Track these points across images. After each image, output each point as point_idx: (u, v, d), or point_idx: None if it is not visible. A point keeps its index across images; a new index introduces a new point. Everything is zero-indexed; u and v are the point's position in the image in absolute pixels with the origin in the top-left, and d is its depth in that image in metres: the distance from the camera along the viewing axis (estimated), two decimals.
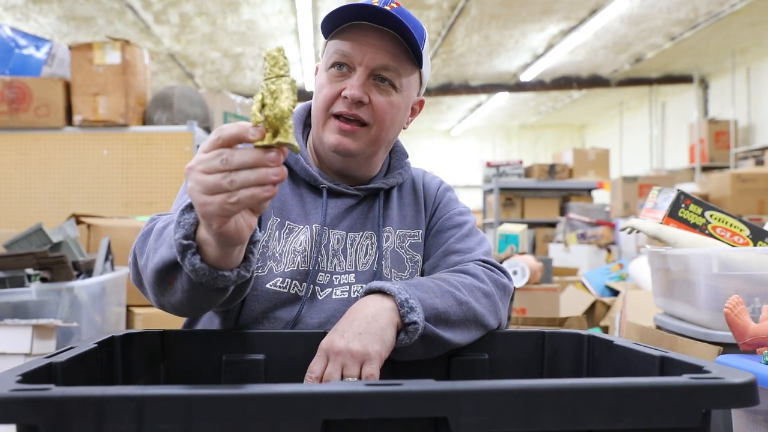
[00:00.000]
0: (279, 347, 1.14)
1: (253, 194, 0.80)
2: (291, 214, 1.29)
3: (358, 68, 1.22)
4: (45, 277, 2.14)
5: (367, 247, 1.31)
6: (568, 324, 2.23)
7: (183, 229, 0.88)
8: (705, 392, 0.73)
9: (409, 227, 1.36)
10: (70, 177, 3.53)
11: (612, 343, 1.07)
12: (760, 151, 8.39)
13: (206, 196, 0.81)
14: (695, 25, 8.26)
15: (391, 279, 1.30)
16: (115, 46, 3.48)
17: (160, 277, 0.97)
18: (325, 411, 0.67)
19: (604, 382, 0.72)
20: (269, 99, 0.81)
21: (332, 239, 1.29)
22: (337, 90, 1.23)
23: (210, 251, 0.88)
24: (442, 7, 7.65)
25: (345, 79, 1.23)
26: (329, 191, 1.31)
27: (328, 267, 1.28)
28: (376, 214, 1.33)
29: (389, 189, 1.38)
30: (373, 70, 1.22)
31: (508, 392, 0.70)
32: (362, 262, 1.30)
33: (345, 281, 1.28)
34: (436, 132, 15.72)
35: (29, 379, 0.74)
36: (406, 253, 1.34)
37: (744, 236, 1.60)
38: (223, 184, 0.80)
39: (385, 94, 1.24)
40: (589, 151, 7.92)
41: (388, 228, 1.34)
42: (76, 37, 8.24)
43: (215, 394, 0.67)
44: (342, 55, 1.22)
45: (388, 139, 1.30)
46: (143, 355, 1.11)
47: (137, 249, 1.07)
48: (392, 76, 1.24)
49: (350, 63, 1.22)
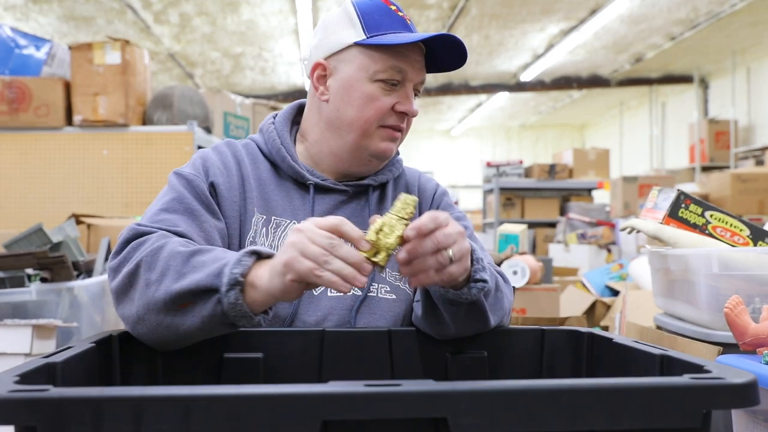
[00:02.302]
0: (277, 346, 1.13)
1: (335, 280, 0.95)
2: (276, 210, 1.29)
3: (407, 84, 1.29)
4: (45, 277, 2.14)
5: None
6: (568, 324, 2.23)
7: (242, 267, 0.98)
8: (706, 392, 0.72)
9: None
10: (70, 177, 3.53)
11: (611, 341, 1.06)
12: (761, 151, 8.38)
13: (301, 256, 0.95)
14: (695, 25, 8.26)
15: (386, 278, 1.31)
16: (115, 46, 3.48)
17: (178, 297, 1.01)
18: (325, 411, 0.67)
19: (605, 382, 0.72)
20: (387, 229, 1.00)
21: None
22: (391, 103, 1.28)
23: (251, 294, 0.99)
24: (442, 6, 7.65)
25: (394, 91, 1.28)
26: (317, 187, 1.32)
27: None
28: (369, 212, 1.34)
29: (380, 186, 1.39)
30: (414, 86, 1.31)
31: (509, 393, 0.70)
32: None
33: None
34: (436, 132, 15.72)
35: (27, 380, 0.74)
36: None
37: (744, 236, 1.59)
38: (320, 258, 0.94)
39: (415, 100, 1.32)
40: (590, 151, 7.92)
41: None
42: (76, 37, 8.24)
43: (214, 394, 0.67)
44: (398, 72, 1.27)
45: None
46: (141, 354, 1.11)
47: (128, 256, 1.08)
48: (421, 87, 1.34)
49: (402, 79, 1.28)
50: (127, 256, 1.08)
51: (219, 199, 1.24)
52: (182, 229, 1.14)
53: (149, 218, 1.16)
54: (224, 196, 1.25)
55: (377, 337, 1.16)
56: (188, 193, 1.20)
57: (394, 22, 1.28)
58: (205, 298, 1.00)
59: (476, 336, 1.19)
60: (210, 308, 1.00)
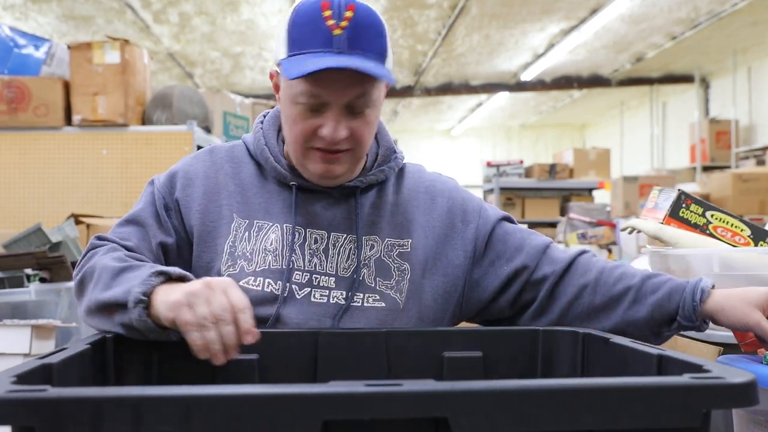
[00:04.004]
0: (273, 347, 1.13)
1: (198, 345, 0.98)
2: (258, 213, 1.27)
3: (332, 106, 1.18)
4: (44, 278, 2.14)
5: (349, 252, 1.28)
6: None
7: (146, 286, 1.03)
8: (706, 392, 0.72)
9: (398, 236, 1.31)
10: (70, 177, 3.53)
11: (608, 341, 1.06)
12: (762, 151, 8.37)
13: (187, 308, 0.99)
14: (696, 25, 8.25)
15: (376, 287, 1.27)
16: (114, 46, 3.48)
17: (104, 306, 1.10)
18: (326, 411, 0.67)
19: (606, 382, 0.72)
20: None
21: (309, 238, 1.27)
22: (313, 127, 1.20)
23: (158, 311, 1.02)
24: (442, 6, 7.64)
25: (319, 114, 1.19)
26: (302, 189, 1.29)
27: (306, 266, 1.25)
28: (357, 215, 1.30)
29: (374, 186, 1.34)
30: (345, 105, 1.19)
31: (509, 393, 0.70)
32: (343, 267, 1.27)
33: (325, 284, 1.25)
34: (436, 132, 15.71)
35: (24, 380, 0.74)
36: (394, 262, 1.29)
37: (745, 236, 1.59)
38: (201, 321, 0.98)
39: (361, 117, 1.21)
40: (590, 151, 7.92)
41: (374, 237, 1.29)
42: (75, 36, 8.24)
43: (214, 394, 0.66)
44: (310, 96, 1.18)
45: (370, 145, 1.29)
46: (136, 355, 1.11)
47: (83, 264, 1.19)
48: (364, 103, 1.20)
49: (322, 101, 1.19)
50: (83, 264, 1.20)
51: (183, 213, 1.28)
52: (132, 243, 1.23)
53: (114, 228, 1.28)
54: (190, 209, 1.28)
55: (373, 338, 1.16)
56: (149, 206, 1.28)
57: (316, 36, 1.16)
58: (121, 311, 1.07)
59: (471, 336, 1.18)
60: (126, 318, 1.06)
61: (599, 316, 1.27)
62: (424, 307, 1.30)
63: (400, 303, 1.27)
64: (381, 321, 1.25)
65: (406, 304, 1.28)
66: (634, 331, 1.24)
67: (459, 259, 1.34)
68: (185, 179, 1.30)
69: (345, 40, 1.16)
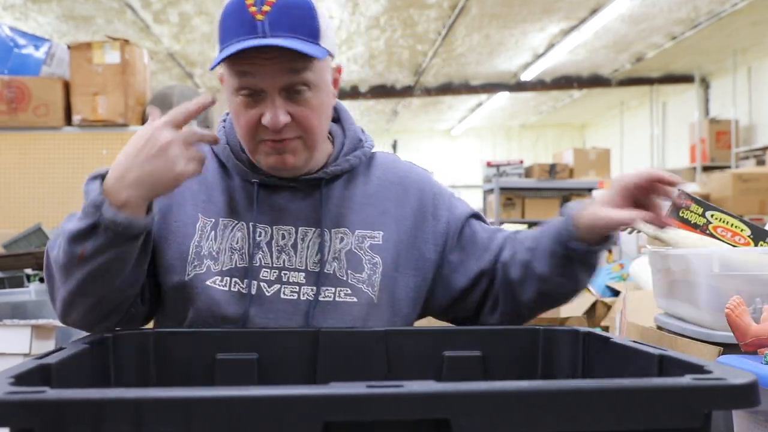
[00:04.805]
0: (272, 346, 1.12)
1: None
2: (223, 211, 1.27)
3: (269, 91, 1.17)
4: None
5: (319, 246, 1.26)
6: (568, 324, 2.22)
7: (94, 192, 1.06)
8: (707, 393, 0.72)
9: (369, 228, 1.29)
10: (70, 177, 3.53)
11: (609, 341, 1.06)
12: (762, 151, 8.37)
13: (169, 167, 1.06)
14: (696, 25, 8.25)
15: (347, 281, 1.25)
16: (114, 46, 3.48)
17: (70, 251, 1.08)
18: (327, 413, 0.67)
19: (607, 383, 0.72)
20: None
21: (276, 234, 1.26)
22: (256, 117, 1.18)
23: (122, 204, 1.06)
24: (442, 6, 7.64)
25: (258, 103, 1.18)
26: (265, 184, 1.28)
27: (275, 263, 1.25)
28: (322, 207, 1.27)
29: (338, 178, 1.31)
30: (281, 89, 1.17)
31: (511, 394, 0.70)
32: (312, 262, 1.25)
33: (294, 280, 1.24)
34: (436, 132, 15.71)
35: (23, 381, 0.74)
36: (365, 254, 1.27)
37: (745, 236, 1.59)
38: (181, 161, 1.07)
39: (303, 102, 1.19)
40: (590, 151, 7.92)
41: (343, 229, 1.27)
42: (75, 36, 8.23)
43: (215, 396, 0.66)
44: (244, 85, 1.18)
45: (323, 134, 1.26)
46: (135, 356, 1.11)
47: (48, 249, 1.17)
48: (304, 83, 1.18)
49: (256, 88, 1.17)
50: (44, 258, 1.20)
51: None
52: None
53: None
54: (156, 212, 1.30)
55: (373, 337, 1.15)
56: None
57: (241, 26, 1.15)
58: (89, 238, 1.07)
59: (471, 336, 1.18)
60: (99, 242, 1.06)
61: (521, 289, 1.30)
62: (397, 301, 1.28)
63: (374, 297, 1.26)
64: (354, 317, 1.24)
65: (380, 298, 1.26)
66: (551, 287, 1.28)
67: (430, 253, 1.32)
68: None
69: (267, 24, 1.15)
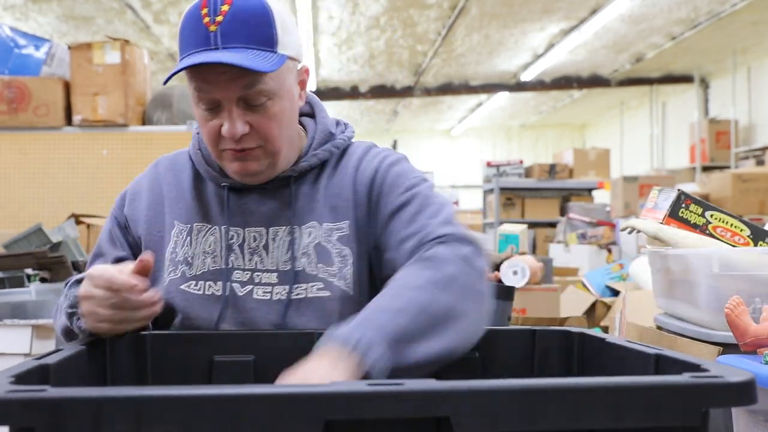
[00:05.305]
0: (268, 348, 1.13)
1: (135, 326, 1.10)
2: (198, 216, 1.28)
3: (225, 103, 1.16)
4: (44, 278, 2.14)
5: (289, 243, 1.25)
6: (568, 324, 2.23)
7: (68, 300, 1.14)
8: (705, 391, 0.73)
9: (335, 219, 1.26)
10: (70, 177, 3.53)
11: (604, 341, 1.06)
12: (761, 151, 8.37)
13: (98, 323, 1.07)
14: (696, 25, 8.25)
15: (318, 275, 1.23)
16: (114, 46, 3.48)
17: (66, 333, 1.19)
18: (327, 411, 0.67)
19: (606, 381, 0.72)
20: None
21: (248, 237, 1.26)
22: (216, 127, 1.18)
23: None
24: (442, 6, 7.64)
25: (217, 113, 1.18)
26: (235, 188, 1.28)
27: (247, 265, 1.25)
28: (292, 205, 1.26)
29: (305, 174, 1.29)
30: (238, 101, 1.17)
31: (511, 391, 0.70)
32: (283, 261, 1.25)
33: (267, 280, 1.24)
34: (436, 132, 15.71)
35: (22, 381, 0.74)
36: (334, 247, 1.25)
37: (744, 236, 1.59)
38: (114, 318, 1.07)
39: (262, 111, 1.18)
40: (590, 151, 7.92)
41: (312, 223, 1.26)
42: (75, 36, 8.23)
43: (215, 394, 0.66)
44: (202, 96, 1.17)
45: (288, 138, 1.25)
46: (132, 357, 1.11)
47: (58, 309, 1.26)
48: (260, 94, 1.17)
49: (213, 100, 1.17)
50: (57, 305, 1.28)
51: (131, 227, 1.33)
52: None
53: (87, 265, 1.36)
54: (137, 222, 1.32)
55: None
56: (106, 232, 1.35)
57: (196, 37, 1.15)
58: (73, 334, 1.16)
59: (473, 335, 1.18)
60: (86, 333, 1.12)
61: None
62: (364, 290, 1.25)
63: (349, 290, 1.23)
64: (329, 312, 1.21)
65: (355, 291, 1.24)
66: None
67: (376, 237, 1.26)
68: (133, 195, 1.34)
69: (220, 36, 1.14)
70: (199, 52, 1.14)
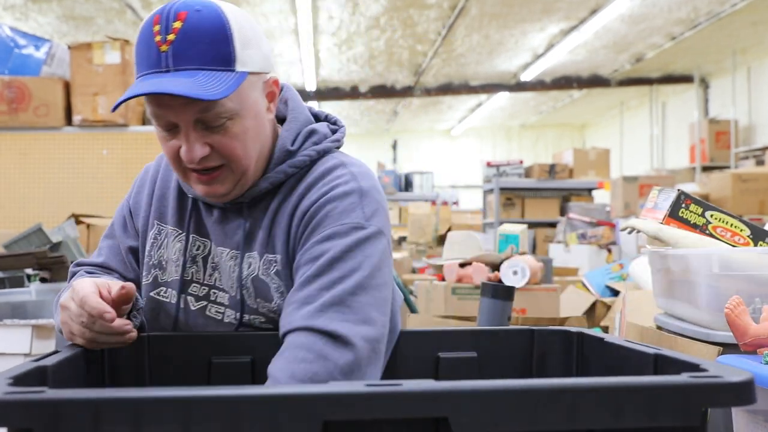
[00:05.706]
0: (266, 349, 1.13)
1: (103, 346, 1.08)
2: (170, 220, 1.26)
3: (182, 126, 1.10)
4: (44, 278, 2.14)
5: (230, 269, 1.20)
6: (568, 324, 2.22)
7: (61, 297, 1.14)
8: (704, 391, 0.73)
9: (273, 251, 1.18)
10: (70, 177, 3.53)
11: (602, 341, 1.06)
12: (761, 151, 8.37)
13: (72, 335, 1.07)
14: (696, 25, 8.25)
15: (258, 309, 1.17)
16: (114, 46, 3.48)
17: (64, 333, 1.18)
18: (326, 412, 0.67)
19: (605, 381, 0.72)
20: None
21: (213, 251, 1.22)
22: (175, 148, 1.12)
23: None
24: (442, 6, 7.64)
25: (176, 135, 1.12)
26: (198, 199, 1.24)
27: (206, 279, 1.22)
28: (248, 231, 1.19)
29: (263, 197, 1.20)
30: (195, 123, 1.10)
31: (510, 392, 0.70)
32: (230, 285, 1.20)
33: (221, 300, 1.21)
34: (436, 132, 15.70)
35: (20, 382, 0.74)
36: (272, 281, 1.17)
37: (744, 236, 1.59)
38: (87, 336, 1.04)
39: (222, 131, 1.11)
40: (590, 151, 7.92)
41: (253, 253, 1.18)
42: (75, 36, 8.23)
43: (214, 395, 0.66)
44: (159, 119, 1.11)
45: (255, 156, 1.16)
46: (129, 359, 1.11)
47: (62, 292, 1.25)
48: (218, 116, 1.09)
49: (170, 123, 1.11)
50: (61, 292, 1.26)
51: (134, 218, 1.31)
52: (103, 258, 1.30)
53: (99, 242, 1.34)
54: (137, 215, 1.30)
55: None
56: (119, 215, 1.33)
57: (148, 56, 1.09)
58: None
59: (466, 337, 1.19)
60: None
61: None
62: None
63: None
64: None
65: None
66: None
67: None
68: (139, 184, 1.33)
69: (171, 57, 1.07)
70: (151, 74, 1.08)
